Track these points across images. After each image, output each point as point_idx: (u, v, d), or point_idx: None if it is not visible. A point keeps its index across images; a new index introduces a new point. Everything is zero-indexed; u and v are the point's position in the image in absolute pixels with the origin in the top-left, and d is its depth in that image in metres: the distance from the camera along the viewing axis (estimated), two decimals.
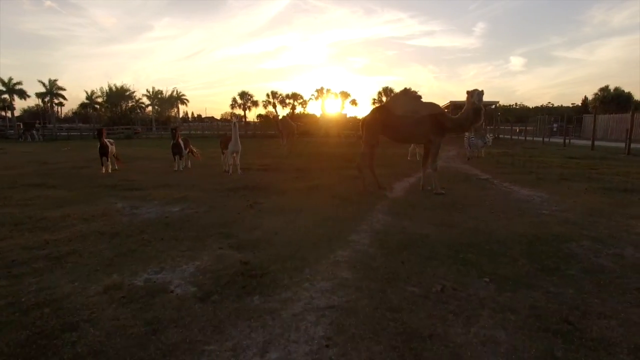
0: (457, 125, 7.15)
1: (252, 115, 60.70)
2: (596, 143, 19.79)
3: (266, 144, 23.78)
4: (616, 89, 52.64)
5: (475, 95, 6.69)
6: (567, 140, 24.00)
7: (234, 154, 9.76)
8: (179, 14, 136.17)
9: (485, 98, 6.90)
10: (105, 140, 10.03)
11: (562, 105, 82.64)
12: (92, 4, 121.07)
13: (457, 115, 7.21)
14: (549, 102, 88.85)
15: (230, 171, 9.72)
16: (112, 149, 10.26)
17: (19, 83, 47.70)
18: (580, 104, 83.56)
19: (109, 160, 10.20)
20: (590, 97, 60.20)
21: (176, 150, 10.41)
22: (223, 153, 10.32)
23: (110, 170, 10.07)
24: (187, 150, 10.91)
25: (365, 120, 7.41)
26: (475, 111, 6.79)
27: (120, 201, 6.28)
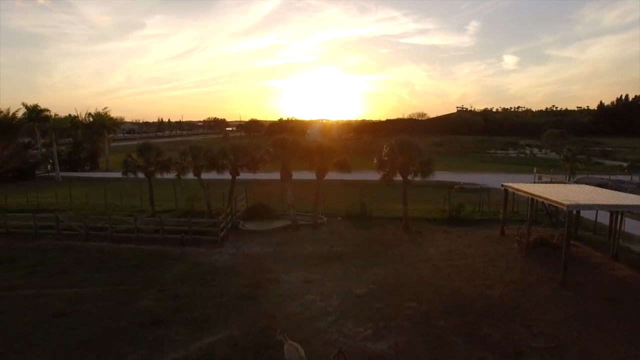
0: None
1: None
2: None
3: None
4: None
5: None
6: None
7: None
8: (171, 11, 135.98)
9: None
10: None
11: (567, 109, 79.39)
12: (83, 2, 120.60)
13: None
14: (553, 106, 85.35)
15: None
16: None
17: None
18: (587, 107, 78.49)
19: None
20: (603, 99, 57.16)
21: None
22: None
23: None
24: None
25: None
26: None
27: None
